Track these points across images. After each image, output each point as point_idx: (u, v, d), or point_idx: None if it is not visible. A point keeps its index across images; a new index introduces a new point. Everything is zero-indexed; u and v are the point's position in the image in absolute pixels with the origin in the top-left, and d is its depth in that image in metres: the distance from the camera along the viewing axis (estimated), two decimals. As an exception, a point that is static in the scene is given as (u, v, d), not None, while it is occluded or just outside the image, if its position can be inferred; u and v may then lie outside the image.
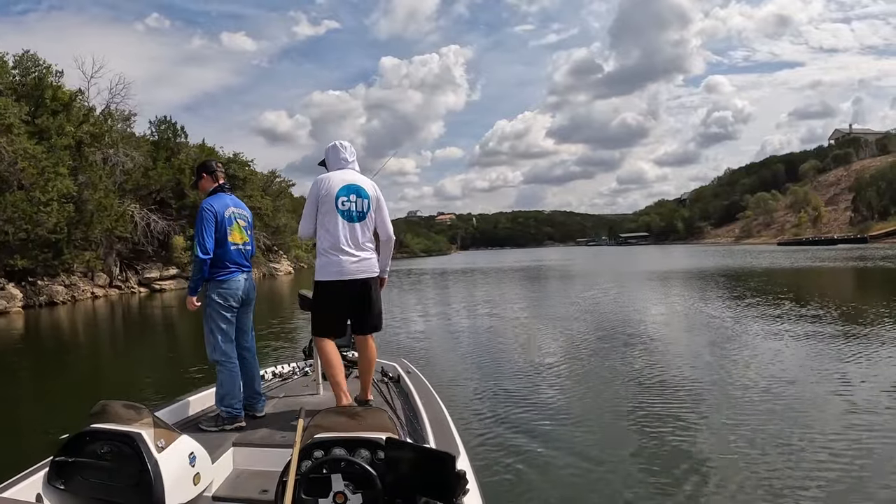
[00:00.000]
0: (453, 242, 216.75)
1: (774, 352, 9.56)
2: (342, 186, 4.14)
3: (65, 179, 25.95)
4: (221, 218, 4.13)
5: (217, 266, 4.10)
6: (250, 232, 4.41)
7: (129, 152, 33.61)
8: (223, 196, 4.28)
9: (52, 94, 29.64)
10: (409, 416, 4.02)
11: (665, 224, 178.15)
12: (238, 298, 4.18)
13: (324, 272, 4.12)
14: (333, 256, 4.09)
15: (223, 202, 4.22)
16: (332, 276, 4.09)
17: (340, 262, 4.08)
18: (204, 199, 4.24)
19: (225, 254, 4.12)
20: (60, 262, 26.99)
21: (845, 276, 28.04)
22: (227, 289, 4.12)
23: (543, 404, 7.13)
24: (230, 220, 4.18)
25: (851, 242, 73.61)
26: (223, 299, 4.11)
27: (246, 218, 4.38)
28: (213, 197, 4.25)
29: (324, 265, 4.12)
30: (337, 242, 4.09)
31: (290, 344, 11.97)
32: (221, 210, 4.16)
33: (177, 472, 2.68)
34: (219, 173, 4.38)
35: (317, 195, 4.15)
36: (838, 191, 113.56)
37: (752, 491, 4.47)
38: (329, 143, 4.43)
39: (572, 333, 12.65)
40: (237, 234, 4.22)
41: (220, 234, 4.10)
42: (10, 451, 5.89)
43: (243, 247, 4.27)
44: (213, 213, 4.11)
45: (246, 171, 47.72)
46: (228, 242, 4.14)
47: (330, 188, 4.12)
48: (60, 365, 12.35)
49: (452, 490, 2.21)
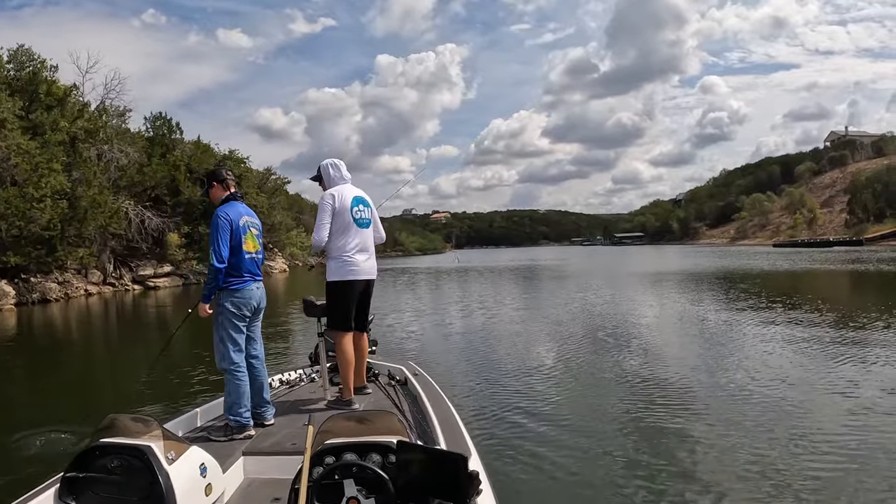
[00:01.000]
0: (448, 241, 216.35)
1: (775, 353, 9.58)
2: (353, 198, 4.71)
3: (58, 175, 25.74)
4: (236, 226, 4.15)
5: (231, 275, 4.12)
6: (261, 240, 4.43)
7: (123, 148, 33.35)
8: (236, 204, 4.29)
9: (46, 89, 29.45)
10: (418, 418, 4.04)
11: (660, 224, 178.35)
12: (251, 308, 4.21)
13: (343, 272, 4.63)
14: (350, 258, 4.64)
15: (237, 211, 4.24)
16: (351, 275, 4.64)
17: (357, 263, 4.67)
18: (218, 207, 4.25)
19: (239, 262, 4.15)
20: (54, 258, 26.73)
21: (846, 279, 27.99)
22: (240, 298, 4.14)
23: (553, 402, 7.14)
24: (244, 229, 4.20)
25: (847, 245, 73.58)
26: (236, 308, 4.13)
27: (258, 227, 4.40)
28: (228, 205, 4.25)
29: (341, 266, 4.63)
30: (354, 246, 4.66)
31: (294, 350, 11.80)
32: (237, 219, 4.17)
33: (188, 483, 2.68)
34: (229, 181, 4.39)
35: (332, 207, 4.62)
36: (833, 193, 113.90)
37: (763, 489, 4.49)
38: (323, 161, 4.89)
39: (577, 333, 12.64)
40: (251, 242, 4.24)
41: (234, 243, 4.12)
42: (3, 452, 5.89)
43: (256, 255, 4.30)
44: (228, 222, 4.12)
45: (241, 168, 47.43)
46: (243, 251, 4.17)
47: (344, 201, 4.66)
48: (54, 363, 12.22)
49: (465, 491, 2.21)
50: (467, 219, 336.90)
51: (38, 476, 2.89)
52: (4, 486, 4.61)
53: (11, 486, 3.47)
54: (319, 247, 4.75)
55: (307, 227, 65.57)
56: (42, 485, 2.76)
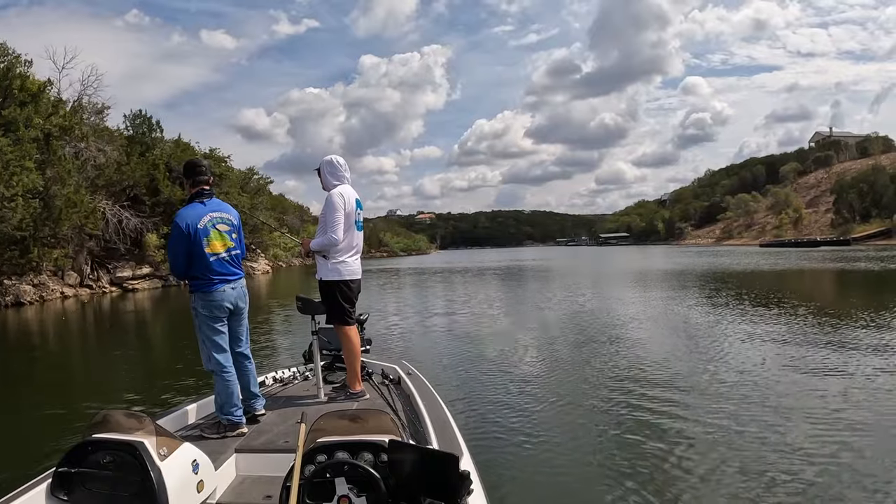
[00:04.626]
0: (433, 241, 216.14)
1: (766, 353, 9.63)
2: (355, 200, 4.82)
3: (31, 174, 24.76)
4: (194, 231, 3.97)
5: (198, 279, 4.02)
6: (236, 235, 4.24)
7: (101, 147, 32.37)
8: (196, 206, 4.09)
9: (20, 85, 28.24)
10: (411, 417, 4.06)
11: (646, 224, 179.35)
12: (224, 309, 4.09)
13: (343, 272, 4.77)
14: (351, 259, 4.82)
15: (196, 213, 4.04)
16: (349, 275, 4.80)
17: (353, 264, 4.84)
18: (178, 211, 4.12)
19: (203, 267, 4.01)
20: (27, 260, 25.98)
21: (840, 279, 27.74)
22: (211, 300, 4.03)
23: (544, 402, 7.17)
24: (205, 231, 4.02)
25: (835, 244, 73.78)
26: (208, 311, 4.03)
27: (229, 221, 4.20)
28: (186, 208, 4.09)
29: (341, 266, 4.76)
30: (355, 248, 4.86)
31: (287, 347, 11.77)
32: (194, 222, 3.99)
33: (180, 480, 2.65)
34: (199, 178, 4.17)
35: (343, 208, 4.69)
36: (819, 193, 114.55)
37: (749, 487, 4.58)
38: (326, 157, 4.91)
39: (567, 332, 12.81)
40: (217, 242, 4.07)
41: (194, 249, 3.98)
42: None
43: (226, 254, 4.12)
44: (181, 230, 3.96)
45: (222, 167, 46.39)
46: (206, 254, 4.00)
47: (351, 203, 4.75)
48: (30, 364, 12.23)
49: (457, 491, 2.19)
50: (452, 219, 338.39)
51: (30, 470, 2.94)
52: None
53: (2, 481, 3.49)
54: (333, 245, 4.71)
55: (290, 227, 64.90)
56: (33, 480, 2.73)
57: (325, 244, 4.72)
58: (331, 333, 5.20)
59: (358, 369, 4.76)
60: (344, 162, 4.90)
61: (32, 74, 29.51)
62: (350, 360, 4.76)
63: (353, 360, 4.75)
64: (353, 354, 4.75)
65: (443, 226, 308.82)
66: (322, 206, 4.84)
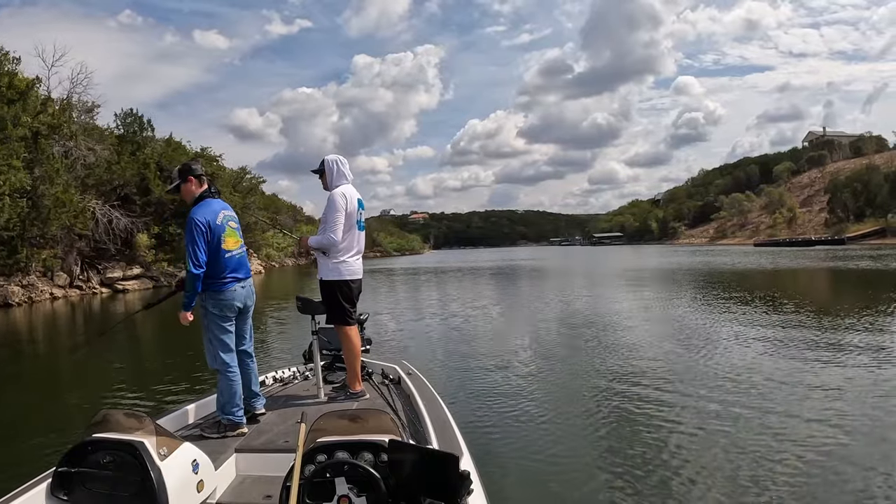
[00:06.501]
0: (426, 241, 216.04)
1: (763, 352, 9.69)
2: (357, 200, 4.84)
3: (18, 173, 24.48)
4: (214, 226, 4.00)
5: (212, 277, 4.01)
6: (240, 233, 4.26)
7: (91, 145, 31.93)
8: (211, 202, 4.13)
9: (7, 82, 27.88)
10: (411, 417, 4.05)
11: (639, 224, 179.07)
12: (234, 308, 4.12)
13: (344, 272, 4.79)
14: (352, 259, 4.83)
15: (212, 209, 4.08)
16: (349, 275, 4.82)
17: (355, 264, 4.85)
18: (192, 209, 4.08)
19: (220, 264, 4.03)
20: (15, 261, 25.76)
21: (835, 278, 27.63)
22: (223, 300, 4.05)
23: (544, 402, 7.19)
24: (222, 227, 4.06)
25: (829, 244, 73.74)
26: (219, 310, 4.05)
27: (236, 219, 4.26)
28: (202, 205, 4.09)
29: (342, 266, 4.78)
30: (356, 248, 4.86)
31: (287, 347, 11.76)
32: (213, 218, 4.02)
33: (180, 479, 2.65)
34: (204, 177, 4.21)
35: (345, 209, 4.72)
36: (812, 192, 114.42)
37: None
38: (330, 157, 4.91)
39: (565, 332, 12.98)
40: (231, 239, 4.12)
41: (213, 245, 3.99)
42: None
43: (238, 252, 4.17)
44: (204, 225, 3.96)
45: (214, 166, 45.96)
46: (223, 251, 4.04)
47: (353, 204, 4.78)
48: (24, 363, 12.31)
49: (457, 491, 2.18)
50: (445, 219, 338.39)
51: (30, 470, 2.91)
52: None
53: (2, 481, 3.44)
54: (332, 245, 4.72)
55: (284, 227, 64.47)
56: (33, 480, 2.72)
57: (323, 243, 4.74)
58: (331, 333, 5.20)
59: (358, 369, 4.81)
60: (344, 160, 4.94)
61: (21, 72, 29.29)
62: (350, 360, 4.80)
63: (354, 360, 4.79)
64: (354, 354, 4.79)
65: (436, 226, 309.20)
66: (325, 205, 4.86)
